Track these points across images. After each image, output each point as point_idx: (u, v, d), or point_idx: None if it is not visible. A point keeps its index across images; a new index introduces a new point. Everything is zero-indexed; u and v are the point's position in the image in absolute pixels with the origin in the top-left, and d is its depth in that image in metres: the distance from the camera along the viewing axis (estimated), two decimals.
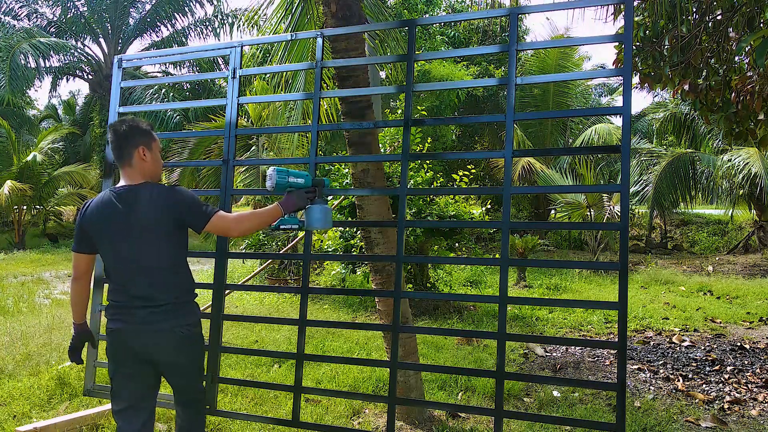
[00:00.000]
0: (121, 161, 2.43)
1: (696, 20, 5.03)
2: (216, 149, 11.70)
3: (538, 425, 3.78)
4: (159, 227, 2.36)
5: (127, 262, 2.35)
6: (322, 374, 4.69)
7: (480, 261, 4.32)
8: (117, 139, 2.43)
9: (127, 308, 2.36)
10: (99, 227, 2.37)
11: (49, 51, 17.81)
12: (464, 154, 4.31)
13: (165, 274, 2.39)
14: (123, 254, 2.35)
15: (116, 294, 2.39)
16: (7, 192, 14.24)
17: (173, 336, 2.37)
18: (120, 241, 2.35)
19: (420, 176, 7.35)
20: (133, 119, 2.50)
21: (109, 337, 2.40)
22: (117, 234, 2.35)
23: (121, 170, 2.44)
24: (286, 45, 5.42)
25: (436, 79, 14.82)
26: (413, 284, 7.65)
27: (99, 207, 2.38)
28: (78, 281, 2.50)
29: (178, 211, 2.38)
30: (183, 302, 2.45)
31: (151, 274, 2.36)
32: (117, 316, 2.37)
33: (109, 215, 2.36)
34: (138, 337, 2.34)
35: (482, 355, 5.38)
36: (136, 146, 2.42)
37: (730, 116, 5.23)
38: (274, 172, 2.62)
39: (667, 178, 13.80)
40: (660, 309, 7.77)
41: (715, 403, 4.32)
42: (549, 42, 3.75)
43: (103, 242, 2.39)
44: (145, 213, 2.34)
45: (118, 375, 2.40)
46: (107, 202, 2.37)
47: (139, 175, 2.43)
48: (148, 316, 2.34)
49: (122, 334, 2.36)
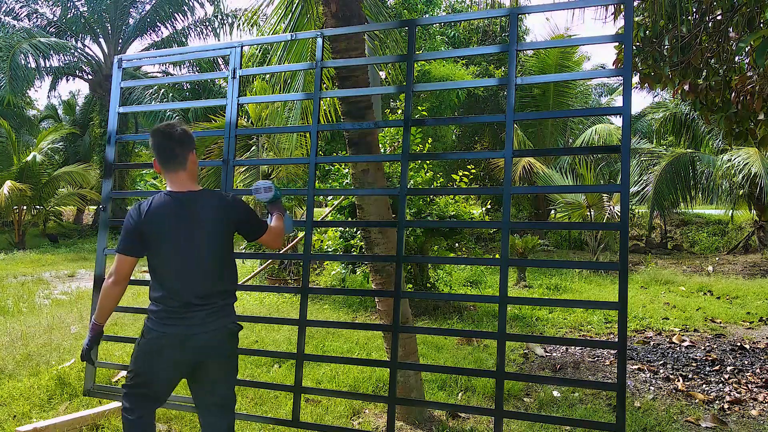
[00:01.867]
0: (174, 165, 2.46)
1: (696, 20, 5.04)
2: (216, 149, 11.69)
3: (538, 425, 3.78)
4: (220, 233, 2.47)
5: (187, 266, 2.40)
6: (322, 374, 4.69)
7: (480, 261, 4.33)
8: (171, 142, 2.44)
9: (183, 311, 2.39)
10: (161, 230, 2.40)
11: (49, 51, 17.81)
12: (464, 154, 4.31)
13: (221, 277, 2.49)
14: (184, 258, 2.40)
15: (168, 298, 2.40)
16: (7, 192, 14.24)
17: (226, 332, 2.47)
18: (183, 245, 2.39)
19: (420, 176, 7.35)
20: (180, 122, 2.58)
21: (153, 340, 2.40)
22: (180, 238, 2.39)
23: (173, 174, 2.46)
24: (285, 45, 5.42)
25: (436, 79, 14.83)
26: (413, 284, 7.65)
27: (161, 209, 2.40)
28: (119, 285, 2.45)
29: (238, 220, 2.53)
30: (232, 302, 2.57)
31: (211, 277, 2.45)
32: (169, 320, 2.39)
33: (173, 218, 2.40)
34: (193, 338, 2.38)
35: (482, 355, 5.38)
36: (191, 150, 2.50)
37: (730, 116, 5.23)
38: (273, 185, 2.87)
39: (667, 179, 13.79)
40: (660, 309, 7.77)
41: (715, 403, 4.31)
42: (549, 42, 3.75)
43: (162, 245, 2.40)
44: (209, 219, 2.43)
45: (148, 374, 2.42)
46: (170, 205, 2.41)
47: (193, 179, 2.51)
48: (207, 317, 2.41)
49: (175, 338, 2.38)
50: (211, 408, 2.54)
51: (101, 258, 3.64)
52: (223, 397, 2.55)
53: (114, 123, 3.83)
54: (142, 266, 11.72)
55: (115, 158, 3.83)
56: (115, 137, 3.81)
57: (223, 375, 2.53)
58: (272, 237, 2.68)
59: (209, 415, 2.54)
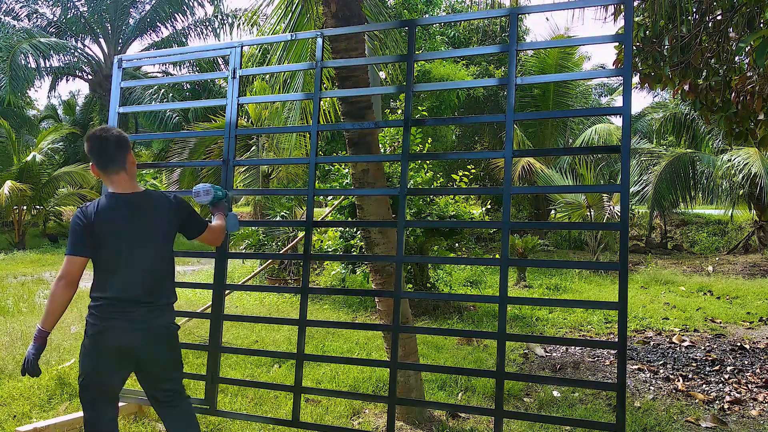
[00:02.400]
0: (114, 166, 2.49)
1: (696, 20, 5.04)
2: (216, 149, 11.71)
3: (538, 425, 3.78)
4: (165, 233, 2.57)
5: (134, 265, 2.46)
6: (322, 374, 4.69)
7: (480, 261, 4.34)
8: (108, 145, 2.49)
9: (127, 308, 2.44)
10: (110, 230, 2.45)
11: (50, 51, 17.82)
12: (464, 155, 4.32)
13: (165, 276, 2.59)
14: (132, 257, 2.46)
15: (114, 296, 2.44)
16: (7, 192, 14.23)
17: (165, 331, 2.55)
18: (131, 244, 2.46)
19: (420, 176, 7.35)
20: (112, 126, 2.69)
21: (96, 336, 2.44)
22: (129, 237, 2.46)
23: (114, 175, 2.50)
24: (285, 45, 5.42)
25: (436, 79, 14.82)
26: (413, 284, 7.65)
27: (108, 210, 2.46)
28: (72, 287, 2.44)
29: (181, 219, 2.64)
30: (173, 303, 2.63)
31: (157, 276, 2.53)
32: (112, 316, 2.43)
33: (122, 219, 2.46)
34: (134, 333, 2.44)
35: (482, 355, 5.38)
36: (128, 151, 2.54)
37: (730, 116, 5.23)
38: (211, 188, 3.04)
39: (667, 179, 13.80)
40: (660, 309, 7.77)
41: (715, 403, 4.31)
42: (549, 42, 3.75)
43: (112, 245, 2.45)
44: (155, 219, 2.53)
45: (96, 372, 2.46)
46: (117, 206, 2.47)
47: (134, 179, 2.57)
48: (147, 314, 2.47)
49: (118, 332, 2.43)
50: (160, 401, 2.62)
51: None
52: (167, 392, 2.61)
53: (114, 123, 3.83)
54: None
55: None
56: None
57: (167, 373, 2.60)
58: (212, 235, 2.82)
59: (161, 407, 2.63)
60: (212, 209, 3.07)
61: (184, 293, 8.39)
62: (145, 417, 3.76)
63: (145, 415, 3.79)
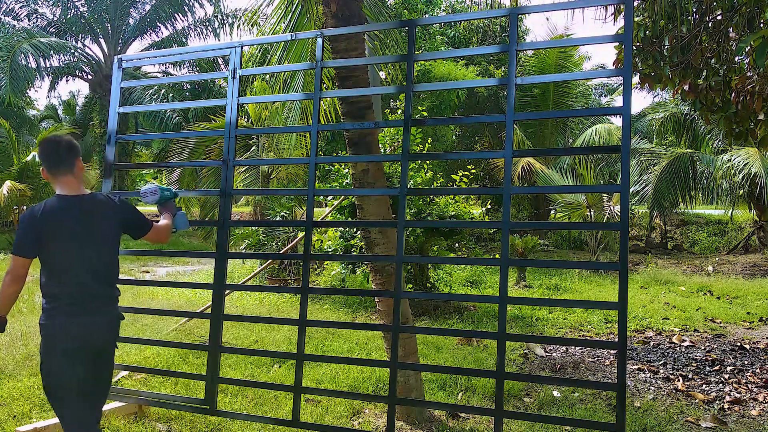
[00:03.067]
0: (63, 170, 2.62)
1: (696, 20, 5.04)
2: (216, 149, 11.68)
3: (538, 425, 3.78)
4: (110, 234, 2.71)
5: (82, 264, 2.59)
6: (322, 374, 4.69)
7: (480, 261, 4.34)
8: (59, 148, 2.63)
9: (77, 305, 2.58)
10: (56, 231, 2.56)
11: (50, 51, 17.80)
12: (464, 155, 4.32)
13: (111, 273, 2.74)
14: (79, 256, 2.59)
15: (64, 294, 2.58)
16: (7, 192, 14.22)
17: (114, 324, 2.71)
18: (78, 244, 2.58)
19: (420, 176, 7.34)
20: (65, 134, 2.87)
21: (50, 336, 2.55)
22: (75, 237, 2.58)
23: (62, 178, 2.62)
24: (285, 45, 5.42)
25: (436, 79, 14.82)
26: (413, 284, 7.65)
27: (55, 212, 2.58)
28: (17, 283, 2.59)
29: (126, 220, 2.79)
30: (117, 296, 2.79)
31: (103, 274, 2.67)
32: (64, 314, 2.56)
33: (68, 220, 2.58)
34: (85, 328, 2.57)
35: (482, 355, 5.38)
36: (77, 156, 2.69)
37: (730, 116, 5.23)
38: (158, 188, 3.15)
39: (667, 178, 13.79)
40: (660, 309, 7.77)
41: (715, 404, 4.32)
42: (549, 42, 3.75)
43: (59, 245, 2.57)
44: (101, 220, 2.67)
45: (56, 372, 2.55)
46: (64, 207, 2.60)
47: (81, 183, 2.70)
48: (98, 310, 2.63)
49: (71, 328, 2.55)
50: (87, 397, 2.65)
51: None
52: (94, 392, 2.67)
53: (114, 123, 3.84)
54: (142, 266, 11.75)
55: (115, 158, 3.83)
56: (115, 137, 3.82)
57: (107, 364, 2.72)
58: (156, 235, 2.95)
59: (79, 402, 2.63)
60: (160, 209, 3.17)
61: (184, 293, 8.39)
62: (145, 417, 3.76)
63: (145, 415, 3.79)
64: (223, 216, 3.46)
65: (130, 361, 4.90)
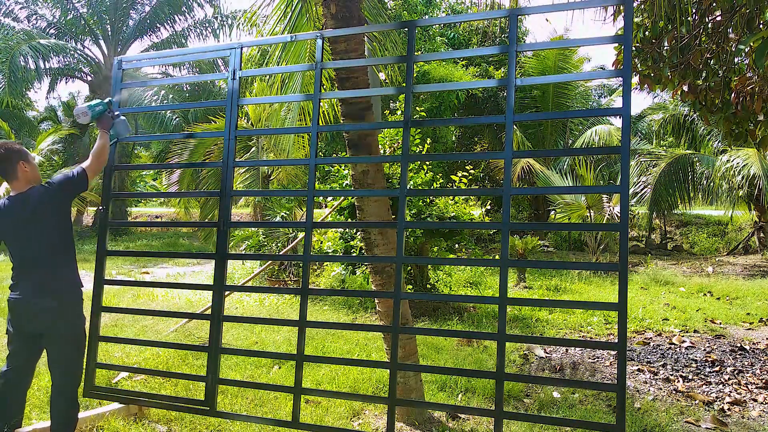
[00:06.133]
0: (8, 177, 3.03)
1: (695, 21, 5.04)
2: (216, 150, 11.69)
3: (538, 426, 3.78)
4: (51, 217, 3.03)
5: (29, 251, 3.00)
6: (322, 375, 4.69)
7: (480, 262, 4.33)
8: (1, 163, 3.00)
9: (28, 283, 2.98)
10: (6, 226, 3.02)
11: (49, 53, 17.80)
12: (464, 155, 4.31)
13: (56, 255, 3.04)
14: (25, 244, 2.99)
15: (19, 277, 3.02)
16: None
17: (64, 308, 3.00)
18: (22, 234, 2.98)
19: (420, 177, 7.35)
20: (5, 142, 3.14)
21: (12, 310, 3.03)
22: (20, 230, 2.99)
23: (12, 182, 3.05)
24: (284, 45, 5.42)
25: (435, 80, 14.83)
26: (413, 285, 7.64)
27: (4, 210, 3.01)
28: None
29: (60, 190, 3.07)
30: (72, 278, 3.09)
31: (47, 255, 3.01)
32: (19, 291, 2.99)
33: (14, 215, 2.99)
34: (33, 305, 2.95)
35: (482, 356, 5.38)
36: (18, 162, 3.03)
37: (729, 117, 5.23)
38: (87, 108, 3.28)
39: (667, 179, 13.80)
40: (660, 310, 7.77)
41: (715, 404, 4.31)
42: (549, 43, 3.75)
43: (9, 238, 3.03)
44: (38, 207, 2.99)
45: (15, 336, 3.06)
46: (10, 205, 3.01)
47: (25, 183, 3.05)
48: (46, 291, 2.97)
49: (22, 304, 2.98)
50: (55, 381, 3.08)
51: (102, 259, 3.64)
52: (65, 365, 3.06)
53: None
54: (141, 267, 11.74)
55: (114, 159, 3.83)
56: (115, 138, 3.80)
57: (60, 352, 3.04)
58: (93, 165, 3.22)
59: (54, 396, 3.10)
60: (98, 125, 3.34)
61: (184, 294, 8.38)
62: (145, 418, 3.76)
63: (145, 416, 3.79)
64: (223, 217, 3.46)
65: (130, 362, 4.89)
